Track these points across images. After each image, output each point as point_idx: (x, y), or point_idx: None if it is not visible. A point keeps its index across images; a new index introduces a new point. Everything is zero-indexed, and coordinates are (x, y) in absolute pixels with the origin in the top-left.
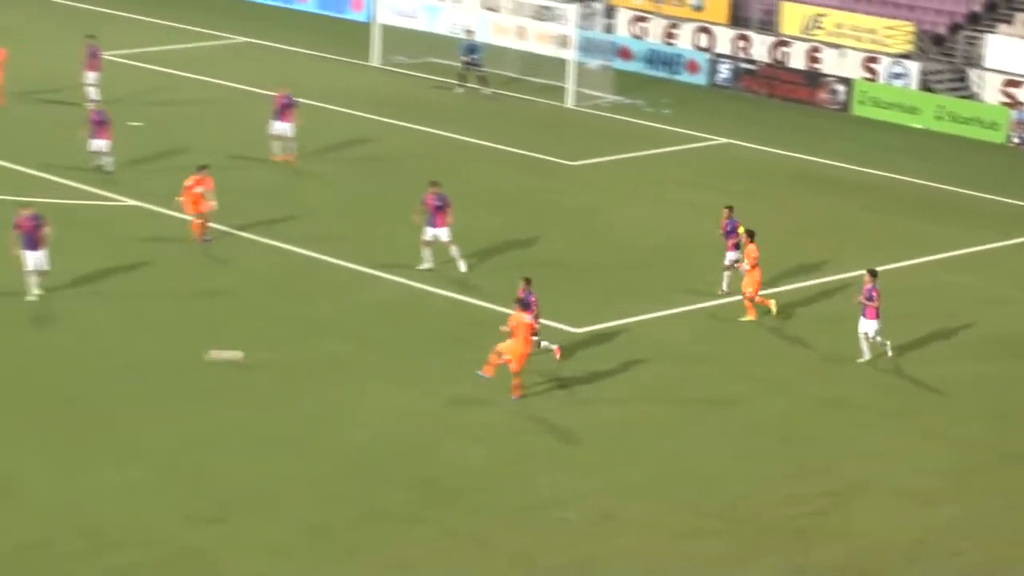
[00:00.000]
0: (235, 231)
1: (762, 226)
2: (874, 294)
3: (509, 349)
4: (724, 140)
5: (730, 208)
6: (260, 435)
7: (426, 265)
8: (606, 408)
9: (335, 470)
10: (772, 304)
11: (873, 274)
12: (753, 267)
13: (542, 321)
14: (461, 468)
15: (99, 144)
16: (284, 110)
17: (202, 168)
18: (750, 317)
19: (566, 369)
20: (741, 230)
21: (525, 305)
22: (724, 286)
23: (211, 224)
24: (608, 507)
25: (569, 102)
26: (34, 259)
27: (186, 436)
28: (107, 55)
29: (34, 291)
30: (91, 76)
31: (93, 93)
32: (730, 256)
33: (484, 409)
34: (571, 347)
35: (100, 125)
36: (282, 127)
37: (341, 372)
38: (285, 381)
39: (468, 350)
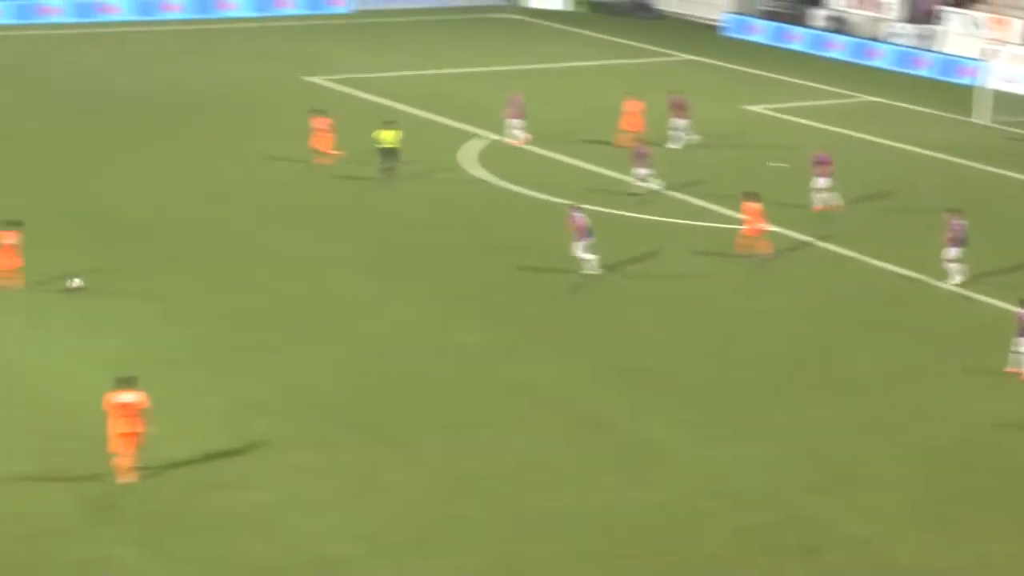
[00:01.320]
0: (820, 243)
1: None
2: None
3: None
4: None
5: None
6: (864, 422)
7: (957, 279)
8: None
9: (928, 455)
10: None
11: None
12: None
13: None
14: None
15: (640, 172)
16: (818, 166)
17: (749, 194)
18: None
19: None
20: None
21: None
22: None
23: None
24: None
25: None
26: (582, 246)
27: (804, 419)
28: (762, 108)
29: (592, 267)
30: (679, 123)
31: (677, 136)
32: None
33: None
34: None
35: (640, 156)
36: (818, 182)
37: (926, 374)
38: (887, 379)
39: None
